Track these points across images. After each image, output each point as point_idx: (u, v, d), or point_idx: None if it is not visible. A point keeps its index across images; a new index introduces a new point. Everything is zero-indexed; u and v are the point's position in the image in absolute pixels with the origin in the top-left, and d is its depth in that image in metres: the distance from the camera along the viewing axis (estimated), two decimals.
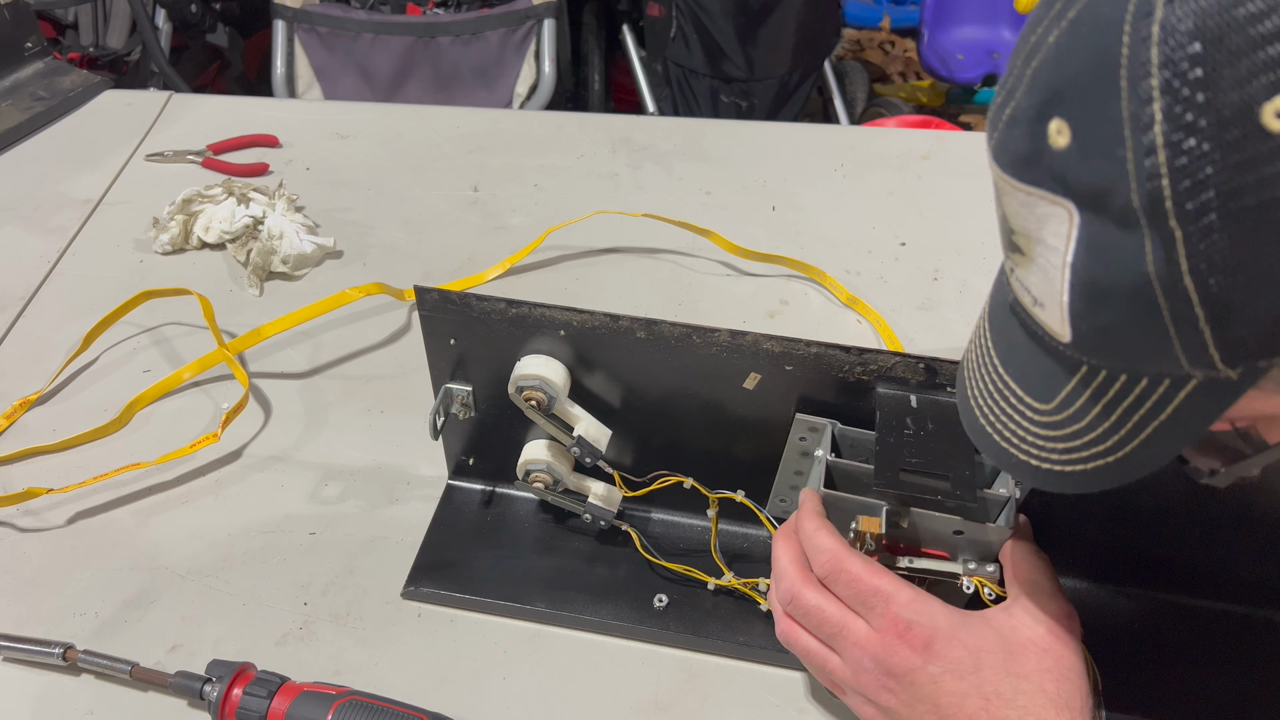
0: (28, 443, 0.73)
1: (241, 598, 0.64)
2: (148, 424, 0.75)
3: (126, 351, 0.81)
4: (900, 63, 2.91)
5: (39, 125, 1.07)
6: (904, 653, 0.49)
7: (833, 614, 0.51)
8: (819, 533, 0.53)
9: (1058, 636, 0.49)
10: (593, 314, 0.57)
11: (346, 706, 0.54)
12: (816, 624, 0.52)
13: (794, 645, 0.54)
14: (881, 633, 0.49)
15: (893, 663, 0.49)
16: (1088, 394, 0.38)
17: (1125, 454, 0.38)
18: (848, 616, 0.51)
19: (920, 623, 0.49)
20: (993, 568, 0.54)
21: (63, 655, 0.59)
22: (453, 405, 0.64)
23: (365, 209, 0.97)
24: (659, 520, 0.68)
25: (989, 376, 0.43)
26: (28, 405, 0.76)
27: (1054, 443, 0.40)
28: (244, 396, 0.74)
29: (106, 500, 0.69)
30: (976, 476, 0.54)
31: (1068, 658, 0.48)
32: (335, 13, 1.75)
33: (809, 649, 0.53)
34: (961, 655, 0.48)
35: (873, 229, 0.94)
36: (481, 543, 0.67)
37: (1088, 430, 0.39)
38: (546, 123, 1.13)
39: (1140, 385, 0.36)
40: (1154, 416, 0.37)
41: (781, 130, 1.10)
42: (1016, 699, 0.47)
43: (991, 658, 0.48)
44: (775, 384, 0.58)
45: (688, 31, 1.93)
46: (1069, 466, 0.40)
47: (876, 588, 0.50)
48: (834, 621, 0.51)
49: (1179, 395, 0.35)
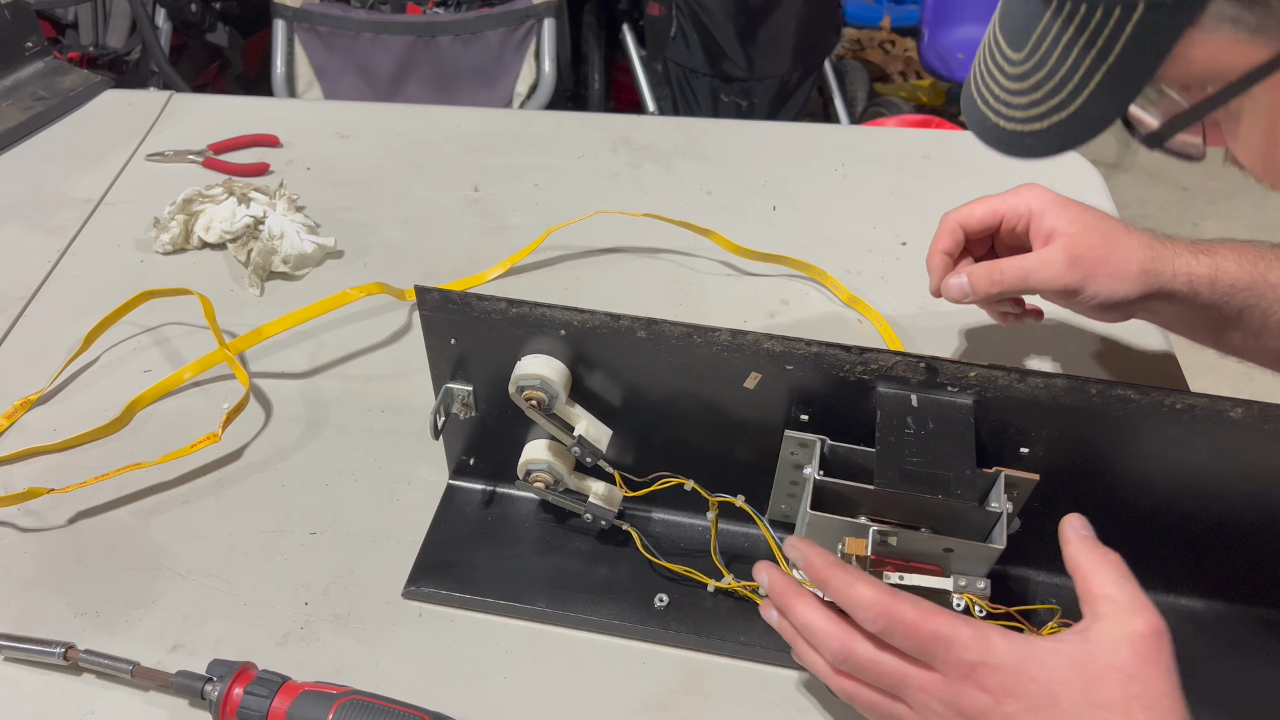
0: (28, 442, 0.73)
1: (242, 597, 0.64)
2: (149, 424, 0.75)
3: (127, 351, 0.81)
4: (900, 62, 2.91)
5: (39, 125, 1.07)
6: (973, 695, 0.46)
7: (891, 666, 0.49)
8: (854, 587, 0.49)
9: (1144, 658, 0.45)
10: (593, 314, 0.57)
11: (347, 706, 0.54)
12: (875, 677, 0.50)
13: (857, 702, 0.51)
14: (947, 677, 0.47)
15: (963, 705, 0.46)
16: (1055, 28, 0.44)
17: (1078, 107, 0.44)
18: (907, 666, 0.48)
19: (986, 662, 0.46)
20: (983, 584, 0.54)
21: (64, 655, 0.59)
22: (453, 405, 0.64)
23: (365, 209, 0.97)
24: (659, 520, 0.68)
25: (987, 42, 0.49)
26: (29, 405, 0.76)
27: (1019, 97, 0.46)
28: (245, 396, 0.74)
29: (107, 500, 0.69)
30: (976, 480, 0.54)
31: (1157, 682, 0.44)
32: (335, 12, 1.75)
33: (874, 703, 0.51)
34: (1034, 690, 0.45)
35: (873, 228, 0.94)
36: (482, 542, 0.67)
37: (1048, 78, 0.45)
38: (546, 122, 1.13)
39: (1096, 14, 0.42)
40: (1105, 56, 0.42)
41: (782, 130, 1.10)
42: None
43: (1068, 689, 0.45)
44: (776, 383, 0.58)
45: (688, 31, 1.93)
46: (1029, 125, 0.46)
47: (934, 633, 0.47)
48: (894, 673, 0.49)
49: (1127, 26, 0.41)
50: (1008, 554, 0.54)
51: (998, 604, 0.55)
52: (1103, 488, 0.58)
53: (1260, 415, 0.53)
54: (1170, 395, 0.54)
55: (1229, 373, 2.18)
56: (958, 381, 0.56)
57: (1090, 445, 0.57)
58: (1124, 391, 0.54)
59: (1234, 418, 0.53)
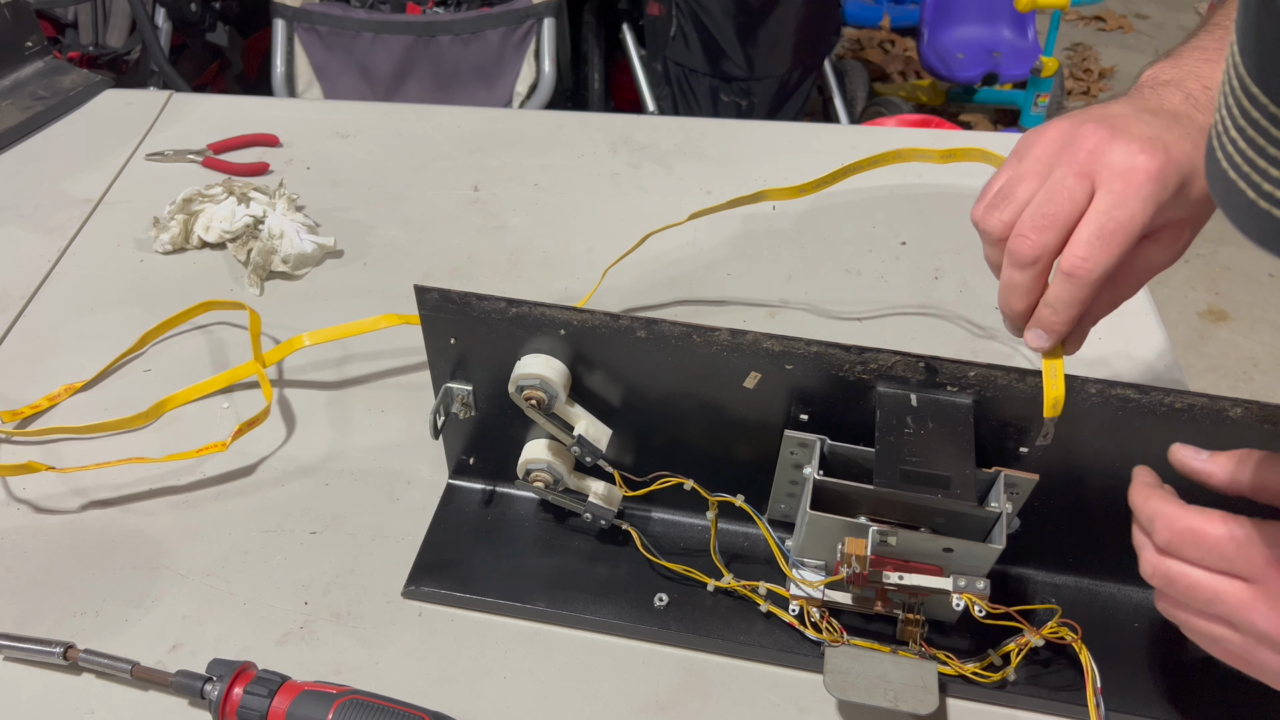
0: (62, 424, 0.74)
1: (242, 597, 0.64)
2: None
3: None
4: (900, 62, 2.91)
5: (39, 124, 1.07)
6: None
7: (1200, 579, 0.47)
8: (1148, 499, 0.50)
9: None
10: (593, 313, 0.58)
11: (347, 705, 0.54)
12: (1187, 595, 0.48)
13: (1178, 620, 0.50)
14: (1263, 582, 0.45)
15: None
16: None
17: None
18: (1216, 580, 0.47)
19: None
20: (983, 584, 0.55)
21: (64, 654, 0.59)
22: (453, 405, 0.64)
23: (365, 208, 0.97)
24: (659, 519, 0.68)
25: (1238, 106, 0.34)
26: (72, 391, 0.77)
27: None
28: (263, 411, 0.73)
29: (108, 499, 0.70)
30: (976, 479, 0.54)
31: None
32: (335, 12, 1.75)
33: (1194, 624, 0.49)
34: None
35: (873, 228, 0.94)
36: (482, 542, 0.67)
37: None
38: (546, 122, 1.13)
39: None
40: None
41: (781, 129, 1.10)
42: None
43: None
44: (775, 383, 0.58)
45: (688, 30, 1.93)
46: None
47: (1231, 538, 0.46)
48: (1204, 586, 0.47)
49: None
50: (1008, 554, 0.54)
51: (998, 604, 0.55)
52: (1103, 487, 0.58)
53: (1260, 415, 0.53)
54: (1170, 395, 0.54)
55: (1229, 372, 2.18)
56: (957, 381, 0.56)
57: (1090, 445, 0.57)
58: (1124, 391, 0.54)
59: (1233, 417, 0.54)
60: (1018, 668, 0.58)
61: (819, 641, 0.60)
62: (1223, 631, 0.48)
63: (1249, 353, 2.12)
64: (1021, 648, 0.57)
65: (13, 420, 0.74)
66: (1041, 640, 0.57)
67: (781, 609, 0.61)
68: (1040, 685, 0.59)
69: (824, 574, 0.60)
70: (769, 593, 0.62)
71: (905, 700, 0.55)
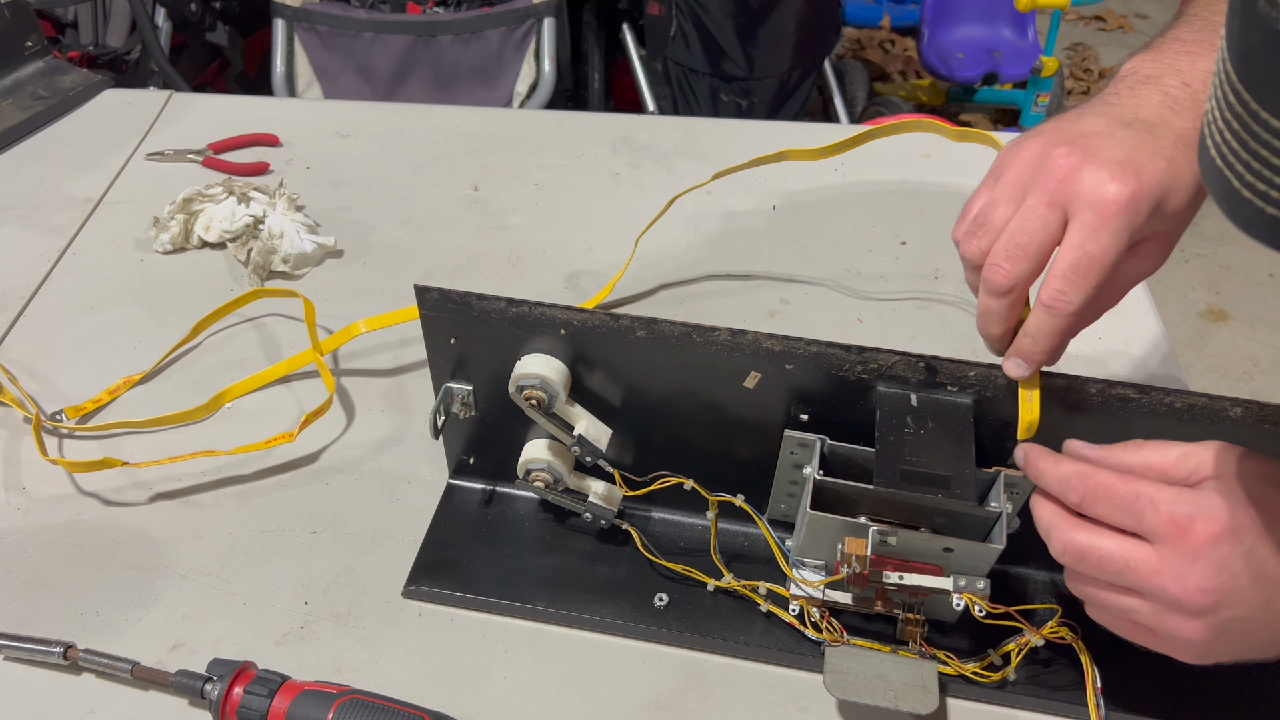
0: (125, 418, 0.75)
1: (242, 597, 0.64)
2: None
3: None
4: (900, 61, 2.91)
5: (39, 124, 1.07)
6: (1206, 548, 0.45)
7: (1110, 549, 0.48)
8: (1059, 465, 0.51)
9: None
10: (593, 313, 0.58)
11: (347, 705, 0.54)
12: (1098, 568, 0.49)
13: (1088, 598, 0.51)
14: (1170, 543, 0.46)
15: (1200, 565, 0.45)
16: None
17: None
18: (1127, 546, 0.48)
19: (1199, 512, 0.46)
20: (983, 584, 0.55)
21: (64, 654, 0.59)
22: (453, 404, 0.64)
23: (365, 208, 0.97)
24: (659, 519, 0.68)
25: (1228, 111, 0.35)
26: (131, 384, 0.78)
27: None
28: (328, 400, 0.74)
29: (108, 499, 0.70)
30: (975, 479, 0.54)
31: None
32: (335, 11, 1.75)
33: (1106, 599, 0.50)
34: (1254, 517, 0.46)
35: (873, 228, 0.94)
36: (482, 542, 0.67)
37: None
38: (546, 122, 1.13)
39: None
40: None
41: (781, 129, 1.10)
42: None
43: (1277, 503, 0.46)
44: (775, 383, 0.58)
45: (688, 30, 1.93)
46: None
47: (1137, 491, 0.47)
48: (1115, 557, 0.48)
49: None
50: (1008, 554, 0.54)
51: (998, 604, 0.55)
52: None
53: (1260, 415, 0.53)
54: (1170, 395, 0.54)
55: (1229, 372, 2.18)
56: (957, 381, 0.56)
57: None
58: (1124, 391, 0.54)
59: (1233, 417, 0.54)
60: (1018, 668, 0.58)
61: (819, 641, 0.60)
62: (1133, 602, 0.49)
63: (1249, 353, 2.12)
64: (1021, 648, 0.57)
65: (75, 416, 0.75)
66: (1041, 640, 0.57)
67: (781, 609, 0.61)
68: (1040, 685, 0.59)
69: (824, 574, 0.60)
70: (769, 593, 0.62)
71: (905, 700, 0.55)
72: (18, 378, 0.78)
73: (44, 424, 0.74)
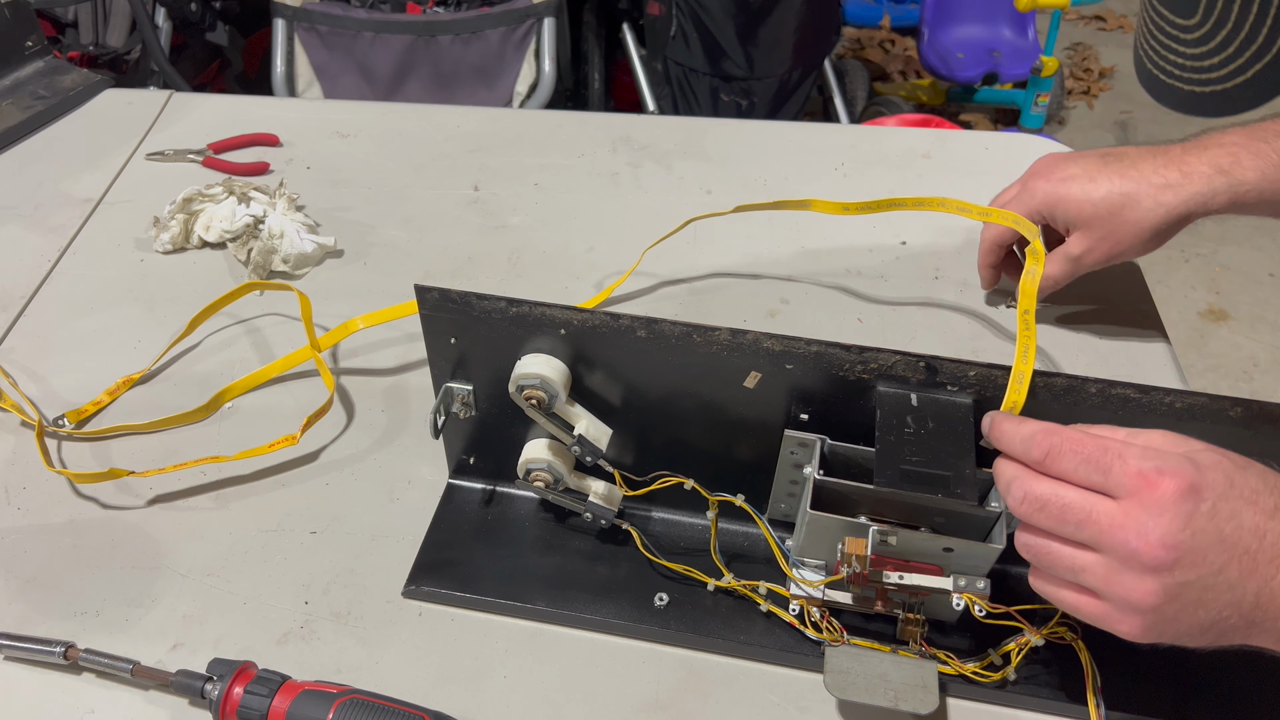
0: (125, 418, 0.74)
1: (242, 596, 0.64)
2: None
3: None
4: (900, 61, 2.91)
5: (39, 124, 1.07)
6: (1172, 503, 0.46)
7: (1073, 499, 0.48)
8: (1022, 424, 0.51)
9: None
10: (593, 313, 0.58)
11: (347, 705, 0.54)
12: (1059, 518, 0.48)
13: (1037, 554, 0.50)
14: (1135, 497, 0.46)
15: (1165, 518, 0.46)
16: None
17: (1261, 68, 0.46)
18: (1090, 497, 0.48)
19: (1166, 467, 0.46)
20: (983, 584, 0.55)
21: (64, 654, 0.59)
22: (453, 404, 0.64)
23: (365, 208, 0.97)
24: (659, 519, 0.68)
25: (1148, 17, 0.51)
26: (130, 383, 0.78)
27: (1206, 59, 0.48)
28: (329, 400, 0.74)
29: (107, 499, 0.70)
30: (975, 479, 0.54)
31: None
32: (335, 11, 1.75)
33: (1058, 555, 0.49)
34: (1216, 478, 0.46)
35: (873, 228, 0.94)
36: (482, 542, 0.67)
37: (1234, 34, 0.46)
38: (546, 122, 1.13)
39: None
40: None
41: (781, 129, 1.10)
42: (1272, 494, 0.47)
43: (1234, 473, 0.47)
44: (776, 383, 0.58)
45: (688, 30, 1.93)
46: (1227, 83, 0.47)
47: (1104, 445, 0.48)
48: (1078, 507, 0.48)
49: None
50: (1008, 554, 0.54)
51: (998, 604, 0.55)
52: None
53: (1260, 415, 0.53)
54: (1170, 394, 0.54)
55: (1229, 372, 2.18)
56: (957, 381, 0.56)
57: None
58: (1124, 391, 0.54)
59: (1233, 416, 0.54)
60: (1018, 667, 0.58)
61: (819, 641, 0.60)
62: (1087, 559, 0.48)
63: (1249, 353, 2.12)
64: (1022, 647, 0.57)
65: (76, 420, 0.74)
66: (1041, 640, 0.57)
67: (782, 608, 0.61)
68: (1040, 685, 0.59)
69: (824, 574, 0.60)
70: (769, 592, 0.62)
71: (905, 700, 0.55)
72: (17, 378, 0.78)
73: (46, 430, 0.73)
